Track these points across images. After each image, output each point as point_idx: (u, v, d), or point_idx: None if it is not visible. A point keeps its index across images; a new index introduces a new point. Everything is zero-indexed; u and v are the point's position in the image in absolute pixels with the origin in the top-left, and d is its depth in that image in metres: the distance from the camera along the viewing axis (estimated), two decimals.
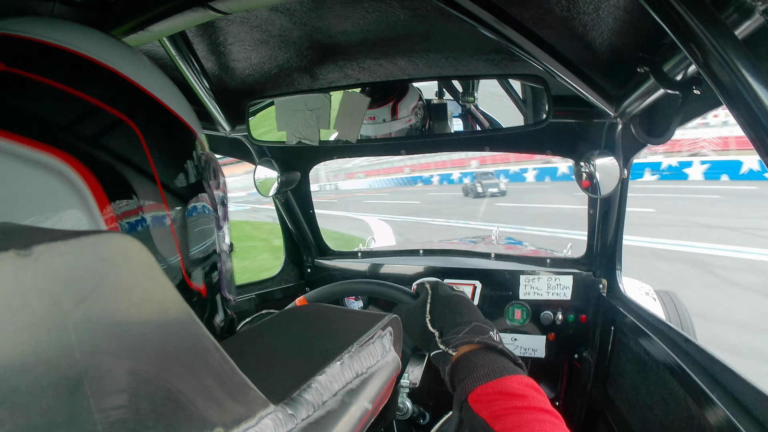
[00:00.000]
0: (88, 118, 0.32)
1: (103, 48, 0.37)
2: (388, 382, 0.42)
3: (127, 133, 0.34)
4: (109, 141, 0.32)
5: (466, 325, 0.65)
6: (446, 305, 0.71)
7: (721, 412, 0.67)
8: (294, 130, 0.99)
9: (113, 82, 0.35)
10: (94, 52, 0.35)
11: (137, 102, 0.37)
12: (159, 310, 0.19)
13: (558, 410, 1.63)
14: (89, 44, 0.36)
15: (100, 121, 0.33)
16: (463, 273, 1.47)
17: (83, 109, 0.32)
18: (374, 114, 1.01)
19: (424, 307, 0.72)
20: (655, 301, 1.99)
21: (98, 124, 0.33)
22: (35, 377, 0.15)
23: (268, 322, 0.48)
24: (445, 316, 0.69)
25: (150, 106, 0.38)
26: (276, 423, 0.27)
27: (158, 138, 0.37)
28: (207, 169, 0.43)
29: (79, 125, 0.31)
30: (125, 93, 0.36)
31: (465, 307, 0.70)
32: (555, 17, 0.70)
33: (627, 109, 0.92)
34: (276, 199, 1.57)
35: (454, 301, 0.71)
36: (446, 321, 0.68)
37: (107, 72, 0.35)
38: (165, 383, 0.19)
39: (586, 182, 1.15)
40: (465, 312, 0.69)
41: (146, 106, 0.37)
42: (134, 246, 0.18)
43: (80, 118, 0.32)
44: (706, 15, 0.46)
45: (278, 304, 1.52)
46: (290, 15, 0.76)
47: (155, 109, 0.38)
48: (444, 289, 0.75)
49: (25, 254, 0.14)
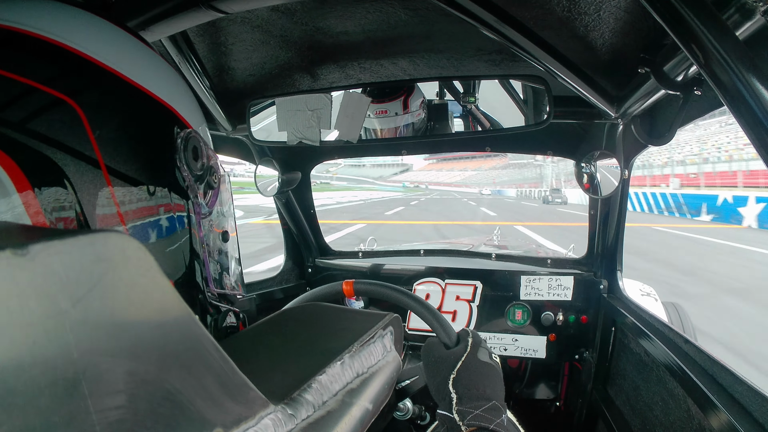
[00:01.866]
0: (18, 101, 0.30)
1: (48, 19, 0.34)
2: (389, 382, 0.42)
3: (64, 115, 0.31)
4: (39, 125, 0.30)
5: (486, 401, 0.62)
6: (477, 371, 0.67)
7: (721, 413, 0.67)
8: (295, 130, 0.99)
9: (53, 58, 0.32)
10: (32, 24, 0.32)
11: (85, 78, 0.33)
12: (157, 310, 0.19)
13: (558, 410, 1.63)
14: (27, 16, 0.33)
15: (31, 104, 0.30)
16: (463, 273, 1.47)
17: (11, 92, 0.30)
18: (386, 108, 1.01)
19: (455, 362, 0.68)
20: (657, 302, 2.00)
21: (28, 107, 0.30)
22: (32, 378, 0.14)
23: (268, 322, 0.48)
24: (471, 382, 0.65)
25: (103, 81, 0.34)
26: (276, 423, 0.26)
27: (110, 117, 0.34)
28: (182, 149, 0.39)
29: (4, 110, 0.29)
30: (68, 69, 0.33)
31: (492, 381, 0.67)
32: (556, 18, 0.70)
33: (628, 109, 0.92)
34: (277, 199, 1.57)
35: (486, 370, 0.68)
36: (469, 388, 0.65)
37: (46, 46, 0.32)
38: (164, 383, 0.19)
39: (587, 183, 1.15)
40: (490, 386, 0.65)
41: (98, 81, 0.34)
42: (132, 245, 0.18)
43: (7, 102, 0.30)
44: (707, 16, 0.45)
45: (279, 304, 1.52)
46: (291, 15, 0.76)
47: (111, 84, 0.35)
48: (483, 353, 0.70)
49: (22, 253, 0.14)
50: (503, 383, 0.69)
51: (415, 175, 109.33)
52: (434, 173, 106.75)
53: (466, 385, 0.65)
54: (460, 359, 0.68)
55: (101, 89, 0.34)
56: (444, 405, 0.65)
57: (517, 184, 62.74)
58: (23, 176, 0.28)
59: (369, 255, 1.72)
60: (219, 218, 0.45)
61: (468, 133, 1.14)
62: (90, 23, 0.36)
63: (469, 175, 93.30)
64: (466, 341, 0.72)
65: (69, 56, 0.33)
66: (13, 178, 0.28)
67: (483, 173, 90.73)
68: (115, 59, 0.35)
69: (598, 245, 1.35)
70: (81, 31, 0.35)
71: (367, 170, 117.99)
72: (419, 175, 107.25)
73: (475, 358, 0.69)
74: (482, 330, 1.43)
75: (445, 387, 0.66)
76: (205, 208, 0.42)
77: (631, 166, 1.13)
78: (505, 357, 1.41)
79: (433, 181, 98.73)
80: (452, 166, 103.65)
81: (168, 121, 0.39)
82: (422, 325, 1.31)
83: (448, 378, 0.66)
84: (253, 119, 1.06)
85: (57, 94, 0.31)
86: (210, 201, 0.43)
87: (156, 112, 0.38)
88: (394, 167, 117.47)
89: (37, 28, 0.32)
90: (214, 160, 0.44)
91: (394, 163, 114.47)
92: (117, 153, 0.33)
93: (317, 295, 0.88)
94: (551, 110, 0.91)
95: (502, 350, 1.41)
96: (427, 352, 0.73)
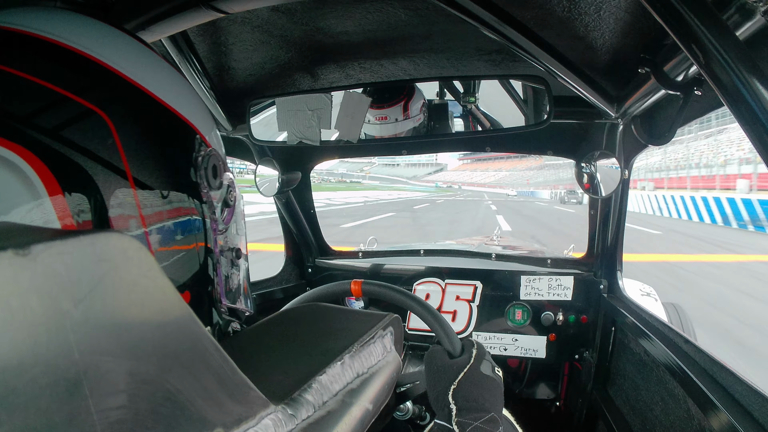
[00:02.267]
0: (52, 109, 0.31)
1: (83, 34, 0.35)
2: (389, 383, 0.42)
3: (96, 125, 0.32)
4: (72, 133, 0.31)
5: (485, 413, 0.62)
6: (478, 384, 0.67)
7: (721, 413, 0.67)
8: (295, 130, 0.99)
9: (86, 70, 0.34)
10: (68, 38, 0.34)
11: (115, 92, 0.35)
12: (158, 311, 0.19)
13: (558, 410, 1.63)
14: (64, 30, 0.34)
15: (64, 112, 0.31)
16: (463, 273, 1.47)
17: (47, 99, 0.31)
18: (386, 114, 1.01)
19: (457, 372, 0.68)
20: (657, 302, 2.00)
21: (62, 115, 0.31)
22: (34, 377, 0.15)
23: (268, 322, 0.48)
24: (471, 394, 0.65)
25: (132, 97, 0.36)
26: (276, 423, 0.26)
27: (137, 131, 0.35)
28: (204, 168, 0.40)
29: (40, 116, 0.30)
30: (100, 82, 0.34)
31: (493, 394, 0.67)
32: (556, 18, 0.70)
33: (628, 109, 0.92)
34: (277, 199, 1.57)
35: (487, 383, 0.68)
36: (469, 400, 0.65)
37: (81, 59, 0.34)
38: (165, 384, 0.19)
39: (587, 183, 1.15)
40: (490, 399, 0.66)
41: (127, 96, 0.35)
42: (133, 245, 0.18)
43: (42, 108, 0.31)
44: (708, 16, 0.45)
45: (279, 304, 1.52)
46: (291, 15, 0.76)
47: (138, 100, 0.36)
48: (486, 366, 0.70)
49: (24, 254, 0.14)
50: (503, 397, 0.69)
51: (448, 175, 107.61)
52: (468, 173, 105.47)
53: (466, 397, 0.65)
54: (463, 370, 0.68)
55: (130, 103, 0.35)
56: (442, 415, 0.65)
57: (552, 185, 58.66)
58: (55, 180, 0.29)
59: (369, 255, 1.72)
60: (233, 236, 0.46)
61: (468, 133, 1.14)
62: (120, 40, 0.38)
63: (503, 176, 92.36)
64: (470, 352, 0.71)
65: (100, 70, 0.34)
66: (44, 181, 0.29)
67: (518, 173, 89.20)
68: (143, 76, 0.37)
69: (598, 245, 1.35)
70: (112, 47, 0.36)
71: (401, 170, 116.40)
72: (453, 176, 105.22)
73: (478, 370, 0.69)
74: (482, 330, 1.43)
75: (445, 397, 0.66)
76: (222, 224, 0.44)
77: (631, 166, 1.13)
78: (505, 357, 1.41)
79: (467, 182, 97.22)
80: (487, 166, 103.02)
81: (190, 138, 0.40)
82: (422, 325, 1.31)
83: (449, 388, 0.66)
84: (253, 119, 1.06)
85: (88, 104, 0.32)
86: (226, 218, 0.44)
87: (180, 129, 0.39)
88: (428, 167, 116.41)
89: (72, 42, 0.34)
90: (230, 179, 0.45)
91: (429, 162, 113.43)
92: (143, 165, 0.34)
93: (324, 292, 0.88)
94: (551, 110, 0.91)
95: (502, 350, 1.41)
96: (430, 359, 0.72)
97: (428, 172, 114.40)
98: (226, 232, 0.44)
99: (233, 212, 0.46)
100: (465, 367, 0.69)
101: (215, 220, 0.42)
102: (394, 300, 0.81)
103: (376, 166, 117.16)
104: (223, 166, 0.44)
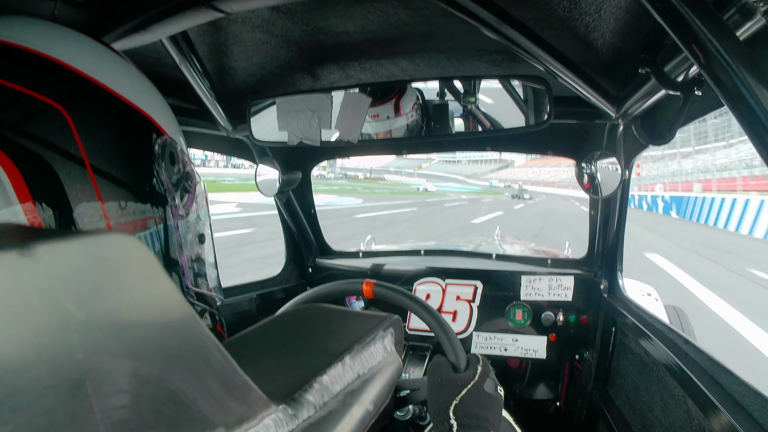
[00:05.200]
0: (11, 105, 0.33)
1: (43, 37, 0.37)
2: (389, 383, 0.42)
3: (53, 118, 0.34)
4: (31, 126, 0.33)
5: (483, 431, 0.64)
6: (480, 402, 0.67)
7: (721, 414, 0.67)
8: (295, 130, 0.99)
9: (44, 69, 0.36)
10: (28, 40, 0.36)
11: (72, 87, 0.37)
12: (161, 311, 0.19)
13: (558, 411, 1.63)
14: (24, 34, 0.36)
15: (23, 108, 0.33)
16: (464, 273, 1.47)
17: (6, 97, 0.33)
18: (378, 111, 1.02)
19: (460, 388, 0.68)
20: (658, 302, 2.00)
21: (21, 110, 0.33)
22: (37, 377, 0.15)
23: (269, 323, 0.48)
24: (471, 411, 0.66)
25: (89, 91, 0.38)
26: (277, 423, 0.27)
27: (94, 122, 0.37)
28: (160, 155, 0.42)
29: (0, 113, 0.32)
30: (58, 79, 0.36)
31: (494, 412, 0.68)
32: (556, 18, 0.70)
33: (628, 110, 0.92)
34: (277, 199, 1.57)
35: (489, 402, 0.68)
36: (469, 417, 0.65)
37: (37, 59, 0.36)
38: (167, 384, 0.19)
39: (588, 183, 1.15)
40: (490, 418, 0.66)
41: (84, 91, 0.37)
42: (136, 246, 0.18)
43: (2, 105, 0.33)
44: (708, 16, 0.45)
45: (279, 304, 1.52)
46: (292, 15, 0.76)
47: (95, 94, 0.38)
48: (489, 384, 0.70)
49: (27, 254, 0.14)
50: (501, 415, 0.69)
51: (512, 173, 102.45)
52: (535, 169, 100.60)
53: (467, 413, 0.65)
54: (466, 387, 0.68)
55: (86, 97, 0.38)
56: (441, 428, 0.65)
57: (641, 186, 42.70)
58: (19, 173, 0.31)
59: (369, 255, 1.72)
60: (196, 221, 0.48)
61: (468, 134, 1.14)
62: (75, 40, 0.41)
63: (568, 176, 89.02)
64: (475, 368, 0.71)
65: (57, 67, 0.37)
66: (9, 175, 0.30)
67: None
68: (98, 71, 0.39)
69: (598, 245, 1.35)
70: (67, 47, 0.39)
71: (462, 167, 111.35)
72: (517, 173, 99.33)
73: (481, 388, 0.69)
74: (482, 330, 1.43)
75: (446, 411, 0.66)
76: (182, 210, 0.45)
77: (631, 167, 1.13)
78: (505, 357, 1.41)
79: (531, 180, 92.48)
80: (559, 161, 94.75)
81: (146, 128, 0.42)
82: (422, 325, 1.31)
83: (451, 403, 0.66)
84: (253, 119, 1.06)
85: (46, 99, 0.34)
86: (186, 204, 0.46)
87: (135, 119, 0.41)
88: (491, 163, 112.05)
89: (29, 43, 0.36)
90: (189, 166, 0.47)
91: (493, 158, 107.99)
92: (101, 154, 0.36)
93: (334, 290, 0.88)
94: (552, 110, 0.91)
95: (502, 350, 1.41)
96: (434, 370, 0.72)
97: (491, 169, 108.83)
98: (187, 218, 0.46)
99: (193, 198, 0.47)
100: (469, 384, 0.69)
101: (175, 206, 0.44)
102: (404, 305, 0.81)
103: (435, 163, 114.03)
104: (180, 154, 0.45)
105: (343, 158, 1.64)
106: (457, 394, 0.67)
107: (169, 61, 0.85)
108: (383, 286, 0.84)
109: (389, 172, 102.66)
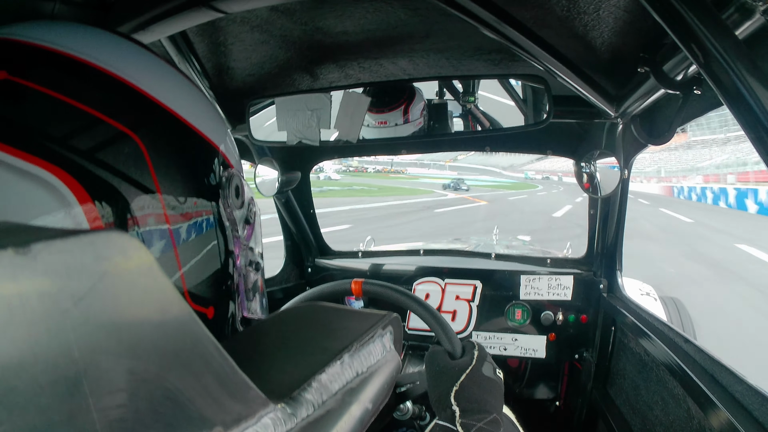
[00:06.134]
0: (87, 131, 0.32)
1: (113, 53, 0.36)
2: (388, 382, 0.42)
3: (128, 147, 0.33)
4: (106, 155, 0.32)
5: (487, 414, 0.63)
6: (480, 386, 0.67)
7: (721, 413, 0.67)
8: (294, 130, 0.99)
9: (119, 93, 0.35)
10: (101, 59, 0.34)
11: (145, 114, 0.36)
12: (158, 309, 0.19)
13: (558, 410, 1.63)
14: (96, 50, 0.35)
15: (99, 134, 0.32)
16: (463, 273, 1.47)
17: (82, 121, 0.32)
18: (386, 118, 1.01)
19: (459, 374, 0.68)
20: (656, 302, 2.00)
21: (97, 137, 0.32)
22: (33, 376, 0.15)
23: (268, 321, 0.48)
24: (473, 396, 0.66)
25: (160, 118, 0.37)
26: (276, 422, 0.27)
27: (165, 152, 0.36)
28: (227, 187, 0.42)
29: (75, 138, 0.31)
30: (132, 104, 0.35)
31: (495, 395, 0.67)
32: (555, 17, 0.70)
33: (627, 109, 0.92)
34: (276, 199, 1.57)
35: (488, 385, 0.68)
36: (471, 402, 0.65)
37: (114, 81, 0.34)
38: (164, 382, 0.19)
39: (587, 182, 1.15)
40: (492, 401, 0.66)
41: (155, 118, 0.36)
42: (133, 244, 0.18)
43: (78, 130, 0.31)
44: (707, 15, 0.45)
45: (279, 304, 1.52)
46: (291, 15, 0.76)
47: (166, 122, 0.37)
48: (487, 368, 0.70)
49: (24, 252, 0.14)
50: (503, 398, 0.69)
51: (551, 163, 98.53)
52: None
53: (469, 398, 0.65)
54: (465, 372, 0.68)
55: (160, 126, 0.37)
56: (444, 416, 0.65)
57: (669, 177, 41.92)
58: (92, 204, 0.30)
59: (368, 255, 1.72)
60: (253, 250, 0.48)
61: (468, 133, 1.14)
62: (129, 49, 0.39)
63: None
64: (471, 353, 0.71)
65: (125, 89, 0.35)
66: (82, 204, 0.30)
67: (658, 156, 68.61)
68: (172, 98, 0.38)
69: (597, 245, 1.35)
70: (142, 69, 0.37)
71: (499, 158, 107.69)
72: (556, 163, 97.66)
73: (480, 372, 0.69)
74: (482, 330, 1.43)
75: (448, 398, 0.66)
76: (244, 240, 0.45)
77: (630, 166, 1.13)
78: (504, 357, 1.41)
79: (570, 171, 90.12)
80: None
81: (216, 159, 0.42)
82: (422, 325, 1.31)
83: (451, 390, 0.66)
84: (252, 119, 1.06)
85: (121, 127, 0.33)
86: (247, 234, 0.46)
87: (205, 151, 0.41)
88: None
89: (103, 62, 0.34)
90: (250, 196, 0.47)
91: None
92: (173, 186, 0.36)
93: (324, 292, 0.88)
94: (551, 110, 0.91)
95: (501, 350, 1.41)
96: (431, 360, 0.72)
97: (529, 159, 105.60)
98: (247, 248, 0.46)
99: (253, 228, 0.47)
100: (467, 369, 0.69)
101: (238, 237, 0.43)
102: (394, 300, 0.81)
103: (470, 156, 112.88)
104: (244, 186, 0.45)
105: (342, 158, 1.63)
106: (456, 380, 0.67)
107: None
108: (371, 283, 0.84)
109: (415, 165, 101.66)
